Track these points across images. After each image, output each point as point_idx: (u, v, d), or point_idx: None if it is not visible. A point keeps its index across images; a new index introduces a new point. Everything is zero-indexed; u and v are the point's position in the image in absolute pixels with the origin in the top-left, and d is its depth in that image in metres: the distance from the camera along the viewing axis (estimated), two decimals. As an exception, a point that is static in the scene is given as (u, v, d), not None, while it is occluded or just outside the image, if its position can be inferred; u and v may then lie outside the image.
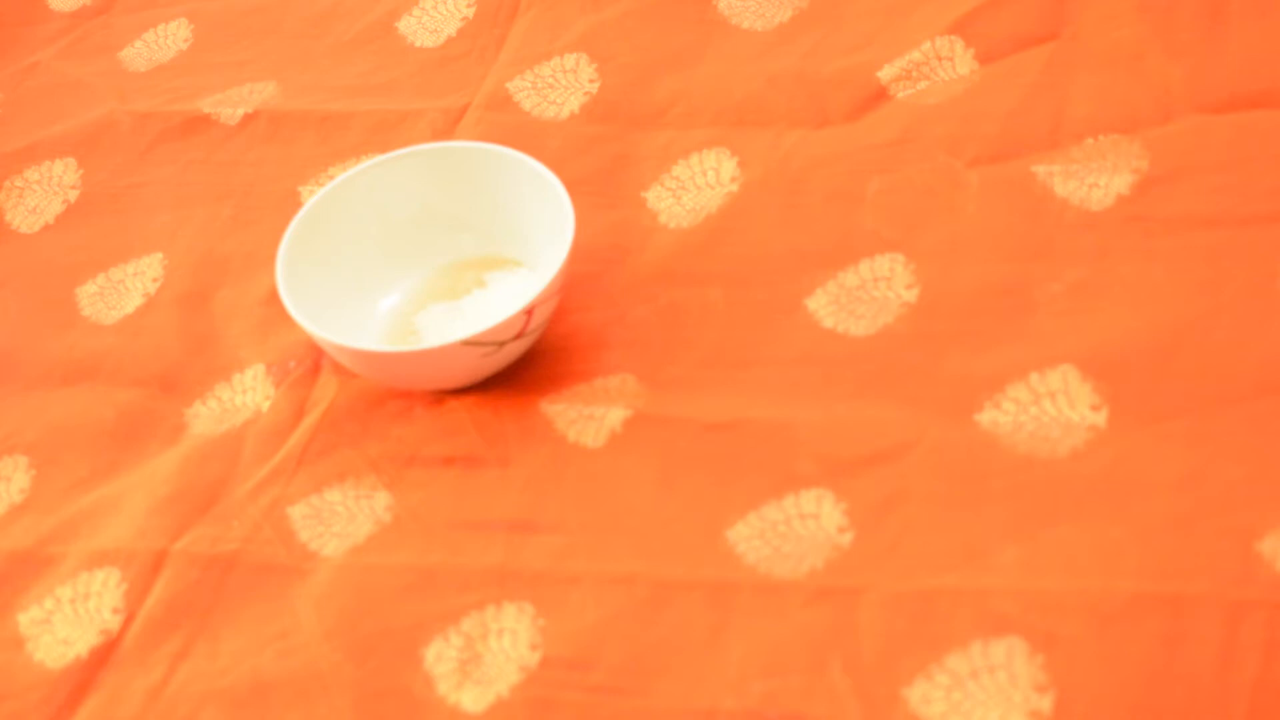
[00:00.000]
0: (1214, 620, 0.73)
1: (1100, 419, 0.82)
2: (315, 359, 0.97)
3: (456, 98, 1.12)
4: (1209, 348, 0.84)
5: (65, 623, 0.88)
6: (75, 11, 1.30)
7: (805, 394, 0.88)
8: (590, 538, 0.85)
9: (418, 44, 1.17)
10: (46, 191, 1.15)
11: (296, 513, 0.90)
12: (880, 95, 1.03)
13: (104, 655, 0.87)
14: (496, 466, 0.89)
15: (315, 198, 0.97)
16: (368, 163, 0.99)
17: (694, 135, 1.04)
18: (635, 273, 0.97)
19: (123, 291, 1.06)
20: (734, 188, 1.00)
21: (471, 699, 0.80)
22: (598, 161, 1.04)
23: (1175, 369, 0.83)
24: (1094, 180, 0.93)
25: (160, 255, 1.07)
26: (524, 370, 0.93)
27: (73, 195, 1.14)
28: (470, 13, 1.18)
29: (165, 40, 1.25)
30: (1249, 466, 0.78)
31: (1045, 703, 0.73)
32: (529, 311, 0.89)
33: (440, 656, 0.82)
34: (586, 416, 0.90)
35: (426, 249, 0.99)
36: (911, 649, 0.76)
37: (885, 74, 1.03)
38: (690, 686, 0.78)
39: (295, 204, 1.06)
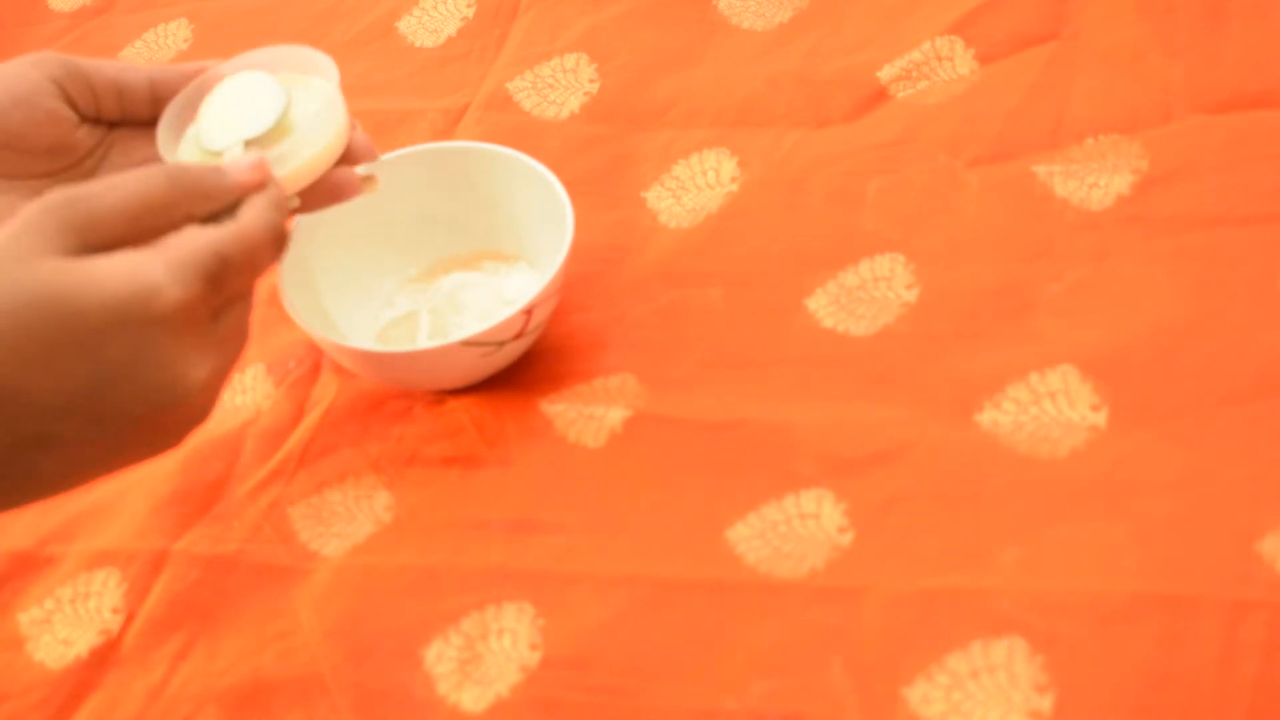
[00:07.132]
0: (1214, 620, 0.73)
1: (1100, 419, 0.82)
2: (315, 359, 0.97)
3: (456, 98, 1.12)
4: (1209, 348, 0.83)
5: (65, 623, 0.88)
6: (75, 11, 1.30)
7: (805, 394, 0.88)
8: (590, 538, 0.85)
9: (418, 44, 1.17)
10: (46, 191, 1.15)
11: (296, 513, 0.90)
12: (880, 95, 1.03)
13: (104, 655, 0.87)
14: (496, 466, 0.89)
15: (315, 198, 0.97)
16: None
17: (694, 135, 1.04)
18: (635, 273, 0.97)
19: (123, 291, 1.06)
20: (734, 188, 1.00)
21: (472, 699, 0.80)
22: (598, 161, 1.04)
23: (1175, 369, 0.83)
24: (1094, 180, 0.93)
25: (160, 255, 1.07)
26: (524, 370, 0.93)
27: (73, 195, 1.14)
28: (470, 13, 1.18)
29: (165, 40, 1.25)
30: (1249, 467, 0.78)
31: (1045, 703, 0.73)
32: (528, 311, 0.89)
33: (440, 656, 0.82)
34: (586, 416, 0.90)
35: (426, 249, 0.99)
36: (911, 649, 0.76)
37: (885, 74, 1.03)
38: (690, 686, 0.78)
39: (295, 204, 1.06)
